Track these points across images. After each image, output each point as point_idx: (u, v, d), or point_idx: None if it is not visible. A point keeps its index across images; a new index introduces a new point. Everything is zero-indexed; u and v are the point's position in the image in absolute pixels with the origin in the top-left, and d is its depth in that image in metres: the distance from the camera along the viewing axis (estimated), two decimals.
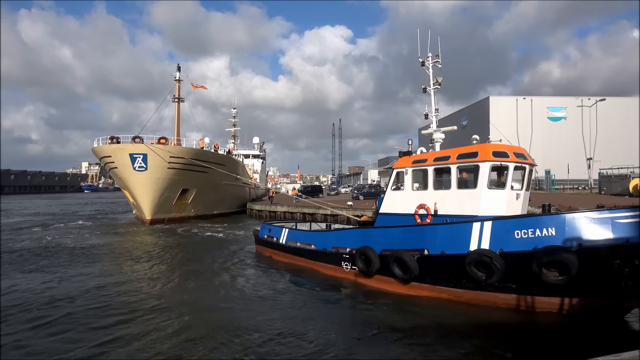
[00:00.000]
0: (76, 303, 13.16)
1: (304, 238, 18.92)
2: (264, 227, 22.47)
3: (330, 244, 16.67)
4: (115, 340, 10.10)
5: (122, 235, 32.24)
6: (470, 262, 11.33)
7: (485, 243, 11.34)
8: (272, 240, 20.99)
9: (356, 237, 15.47)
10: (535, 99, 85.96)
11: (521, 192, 13.47)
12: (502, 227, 11.23)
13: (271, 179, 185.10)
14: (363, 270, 14.57)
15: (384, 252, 13.77)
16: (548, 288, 10.59)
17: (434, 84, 16.31)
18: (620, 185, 47.82)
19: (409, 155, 15.42)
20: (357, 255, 14.73)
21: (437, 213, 13.79)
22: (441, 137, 16.05)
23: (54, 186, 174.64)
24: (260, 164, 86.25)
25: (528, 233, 10.75)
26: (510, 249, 10.92)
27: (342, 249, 15.95)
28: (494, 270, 10.93)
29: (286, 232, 20.05)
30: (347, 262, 15.66)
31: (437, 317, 11.50)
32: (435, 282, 12.84)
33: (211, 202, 47.32)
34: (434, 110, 16.43)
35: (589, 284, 10.22)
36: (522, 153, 13.51)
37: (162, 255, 22.45)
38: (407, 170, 14.99)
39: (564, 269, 9.95)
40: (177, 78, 53.11)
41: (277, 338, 10.20)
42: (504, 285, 11.34)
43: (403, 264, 13.00)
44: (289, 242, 19.54)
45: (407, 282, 13.29)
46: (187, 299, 13.82)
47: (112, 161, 39.52)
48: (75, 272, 17.86)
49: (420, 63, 16.50)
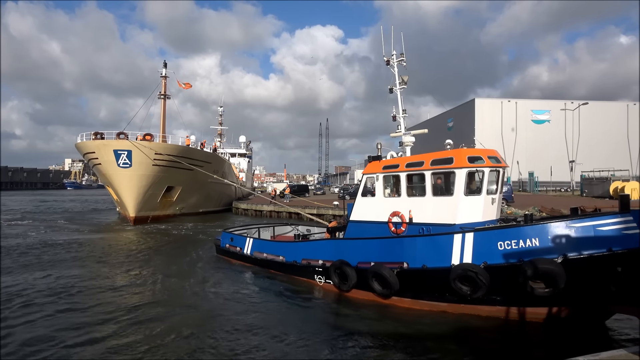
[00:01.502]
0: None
1: (271, 249, 17.64)
2: (225, 235, 20.91)
3: (301, 255, 15.67)
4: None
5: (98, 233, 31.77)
6: (455, 277, 10.92)
7: (468, 255, 10.98)
8: (235, 250, 19.66)
9: (329, 249, 14.60)
10: (520, 101, 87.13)
11: (496, 196, 13.28)
12: (484, 238, 10.89)
13: (257, 177, 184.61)
14: (338, 285, 13.84)
15: (360, 265, 13.13)
16: (533, 299, 10.42)
17: (400, 84, 15.75)
18: (601, 188, 48.78)
19: (379, 160, 14.77)
20: (332, 269, 13.96)
21: (412, 221, 13.19)
22: (411, 141, 15.45)
23: (35, 183, 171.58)
24: (247, 163, 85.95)
25: (512, 244, 10.45)
26: (494, 261, 10.62)
27: (314, 262, 15.02)
28: (480, 285, 10.60)
29: (251, 242, 18.80)
30: (320, 276, 14.81)
31: (416, 323, 11.35)
32: (417, 296, 12.36)
33: (196, 200, 46.95)
34: (401, 112, 15.81)
35: (573, 293, 10.20)
36: (496, 156, 13.17)
37: (134, 257, 21.62)
38: (378, 176, 14.27)
39: (551, 281, 9.83)
40: (163, 75, 52.56)
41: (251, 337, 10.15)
42: (489, 297, 11.04)
43: (382, 279, 12.35)
44: (255, 252, 18.32)
45: (387, 297, 12.70)
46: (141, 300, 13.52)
47: (95, 157, 38.91)
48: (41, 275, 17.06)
49: (385, 62, 15.97)
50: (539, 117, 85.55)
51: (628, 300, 9.90)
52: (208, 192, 48.74)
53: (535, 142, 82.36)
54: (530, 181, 68.90)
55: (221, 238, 21.08)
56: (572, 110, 75.06)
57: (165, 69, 52.57)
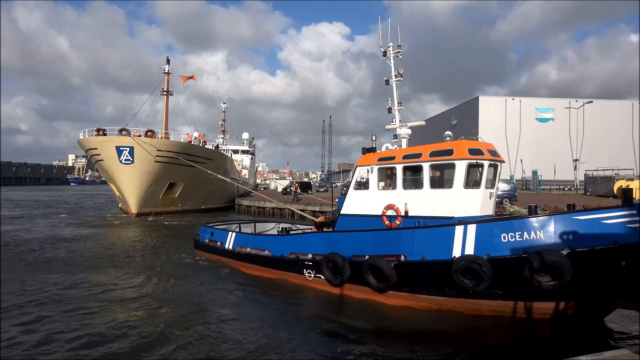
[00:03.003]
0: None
1: (255, 243, 16.90)
2: (204, 230, 19.94)
3: (289, 249, 15.03)
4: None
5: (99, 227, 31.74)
6: (457, 269, 10.60)
7: (470, 248, 10.70)
8: (215, 245, 18.83)
9: (320, 242, 14.06)
10: (524, 99, 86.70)
11: (493, 190, 13.07)
12: (487, 230, 10.64)
13: (260, 174, 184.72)
14: (330, 279, 13.30)
15: (354, 258, 12.71)
16: (536, 293, 10.24)
17: (396, 76, 15.54)
18: (605, 187, 48.44)
19: (373, 152, 14.36)
20: (323, 262, 13.36)
21: (407, 214, 12.82)
22: (407, 133, 15.09)
23: (39, 178, 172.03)
24: (250, 160, 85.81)
25: (515, 236, 10.27)
26: (498, 253, 10.37)
27: (303, 255, 14.45)
28: (483, 277, 10.28)
29: (233, 237, 18.00)
30: (310, 270, 14.22)
31: (412, 320, 11.19)
32: (415, 290, 11.98)
33: (199, 196, 46.91)
34: (397, 104, 15.56)
35: (578, 287, 10.03)
36: (494, 150, 12.95)
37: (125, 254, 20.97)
38: (373, 168, 13.87)
39: (557, 274, 9.67)
40: (166, 71, 52.41)
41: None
42: (490, 291, 10.79)
43: (379, 271, 11.93)
44: (238, 247, 17.52)
45: (383, 292, 12.26)
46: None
47: (98, 153, 38.96)
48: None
49: (382, 53, 15.89)
50: (543, 115, 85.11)
51: (630, 294, 9.88)
52: (210, 189, 48.70)
53: (539, 141, 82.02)
54: (534, 180, 68.50)
55: (200, 233, 20.19)
56: (577, 109, 74.62)
57: (168, 65, 52.44)
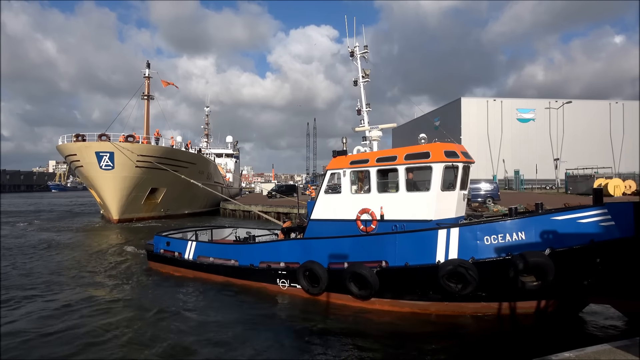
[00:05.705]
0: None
1: (220, 252, 15.83)
2: (158, 239, 18.29)
3: (259, 258, 14.32)
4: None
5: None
6: (444, 274, 10.50)
7: (454, 251, 10.69)
8: (172, 255, 17.34)
9: (294, 250, 13.50)
10: (505, 100, 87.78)
11: (465, 192, 13.22)
12: (470, 233, 10.67)
13: (245, 178, 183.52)
14: (308, 288, 12.80)
15: (332, 265, 12.36)
16: (521, 293, 10.38)
17: (363, 77, 15.31)
18: (585, 185, 49.38)
19: (345, 155, 14.03)
20: (300, 271, 12.81)
21: (383, 218, 12.59)
22: (378, 135, 14.84)
23: (19, 185, 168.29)
24: (234, 163, 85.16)
25: (498, 238, 10.38)
26: (482, 256, 10.44)
27: (275, 264, 13.82)
28: (469, 281, 10.27)
29: (194, 246, 16.73)
30: (284, 280, 13.67)
31: (397, 324, 11.04)
32: (398, 296, 11.80)
33: (182, 201, 46.29)
34: (365, 106, 15.35)
35: (558, 285, 10.22)
36: (466, 152, 12.98)
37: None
38: (345, 172, 13.51)
39: (541, 274, 9.83)
40: (146, 75, 51.75)
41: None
42: (474, 294, 10.74)
43: (362, 279, 11.62)
44: (199, 257, 16.35)
45: (365, 299, 11.95)
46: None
47: (77, 160, 38.22)
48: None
49: (349, 53, 15.63)
50: (524, 115, 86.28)
51: (604, 290, 10.32)
52: (194, 193, 48.07)
53: (520, 141, 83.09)
54: (516, 179, 69.52)
55: (154, 242, 18.46)
56: (557, 109, 75.92)
57: (149, 69, 51.80)
